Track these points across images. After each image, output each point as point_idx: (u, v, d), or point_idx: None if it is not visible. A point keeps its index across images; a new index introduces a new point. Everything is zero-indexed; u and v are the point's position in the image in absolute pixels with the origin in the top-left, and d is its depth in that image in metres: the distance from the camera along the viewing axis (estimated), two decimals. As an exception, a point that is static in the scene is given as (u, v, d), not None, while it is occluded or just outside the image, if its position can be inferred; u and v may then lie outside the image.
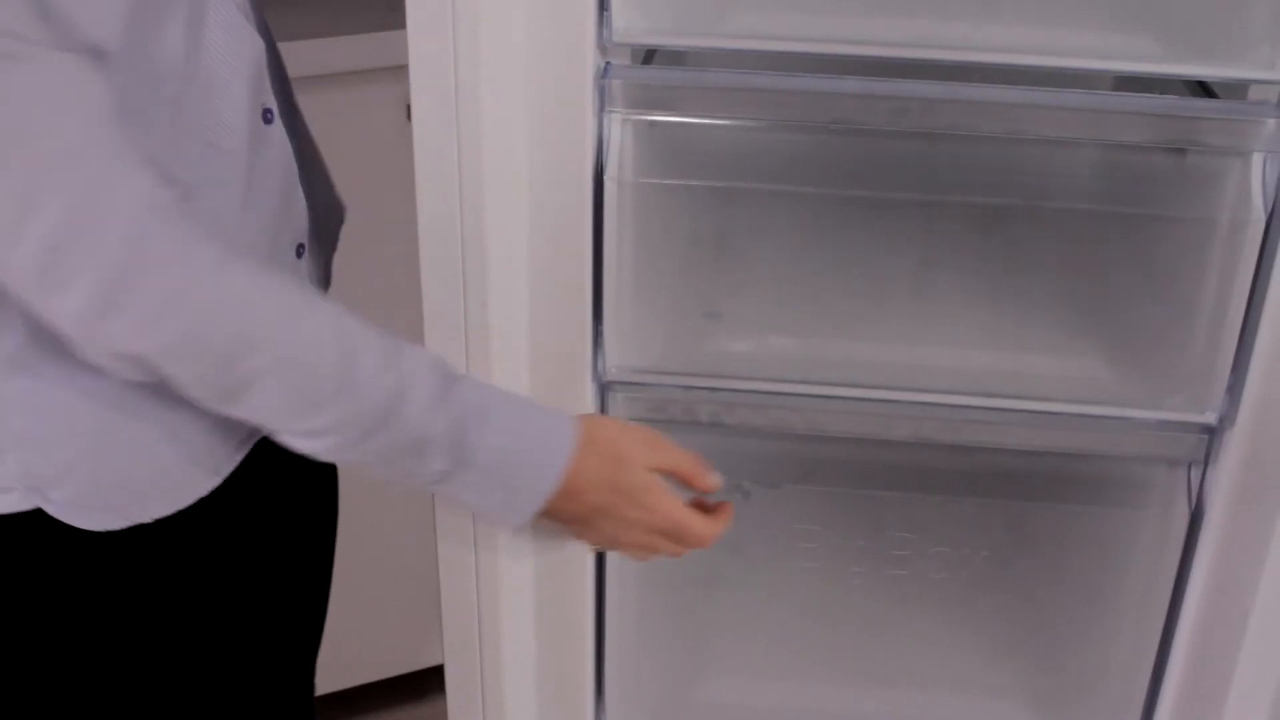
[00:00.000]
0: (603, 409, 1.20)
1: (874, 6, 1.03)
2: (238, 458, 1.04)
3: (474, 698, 1.23)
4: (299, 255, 1.08)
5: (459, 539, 1.16)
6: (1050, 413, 1.12)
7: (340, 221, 1.19)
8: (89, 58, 0.84)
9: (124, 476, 0.97)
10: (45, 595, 1.00)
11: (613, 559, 1.20)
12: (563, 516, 1.00)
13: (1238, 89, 1.11)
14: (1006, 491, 1.20)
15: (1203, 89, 1.15)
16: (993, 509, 1.22)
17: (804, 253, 1.19)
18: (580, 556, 1.17)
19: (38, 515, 0.97)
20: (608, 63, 1.04)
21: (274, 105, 1.03)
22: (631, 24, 1.02)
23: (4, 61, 0.80)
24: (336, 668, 1.95)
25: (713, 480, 1.04)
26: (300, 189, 1.07)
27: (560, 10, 0.98)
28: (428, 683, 2.03)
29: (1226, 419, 1.09)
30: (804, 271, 1.18)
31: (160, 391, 0.93)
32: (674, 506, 1.02)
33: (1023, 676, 1.30)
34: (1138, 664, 1.21)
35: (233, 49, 0.97)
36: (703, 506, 1.05)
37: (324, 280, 1.16)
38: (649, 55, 1.19)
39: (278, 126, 1.03)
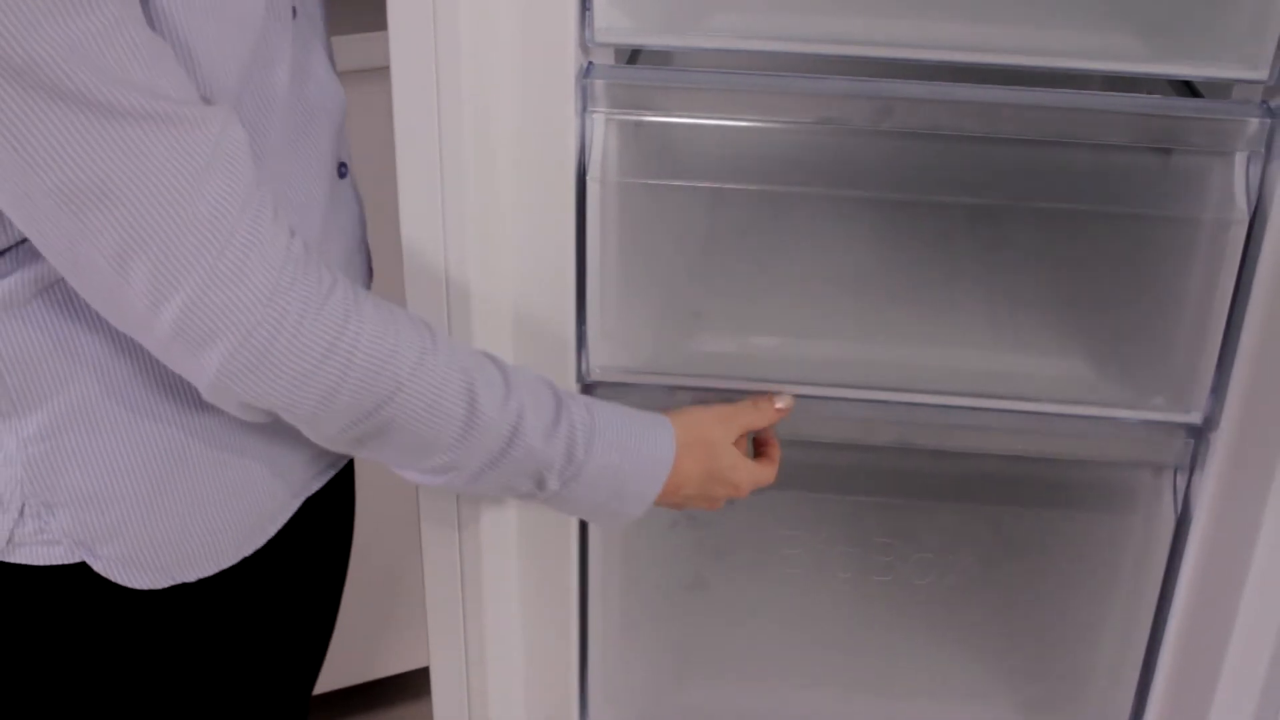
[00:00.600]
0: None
1: (857, 6, 1.03)
2: (285, 517, 1.02)
3: (460, 700, 1.22)
4: None
5: (444, 544, 1.15)
6: (1035, 413, 1.12)
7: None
8: (230, 110, 0.84)
9: (175, 536, 0.96)
10: (80, 649, 0.98)
11: (596, 567, 1.20)
12: (659, 504, 1.04)
13: (1222, 89, 1.11)
14: (991, 496, 1.20)
15: (1189, 89, 1.15)
16: (978, 514, 1.22)
17: (790, 253, 1.18)
18: (565, 559, 1.17)
19: (81, 569, 0.95)
20: (590, 62, 1.04)
21: (348, 160, 1.03)
22: (613, 24, 1.01)
23: (153, 123, 0.78)
24: (325, 670, 1.95)
25: (783, 404, 1.10)
26: (366, 246, 1.07)
27: (542, 10, 0.98)
28: (414, 685, 2.02)
29: (1211, 420, 1.09)
30: (789, 272, 1.18)
31: (222, 444, 0.94)
32: (753, 475, 1.08)
33: (1009, 681, 1.30)
34: (1124, 668, 1.20)
35: (321, 103, 0.97)
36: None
37: None
38: (634, 55, 1.19)
39: (350, 181, 1.04)
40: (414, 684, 2.03)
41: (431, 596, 1.18)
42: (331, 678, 1.98)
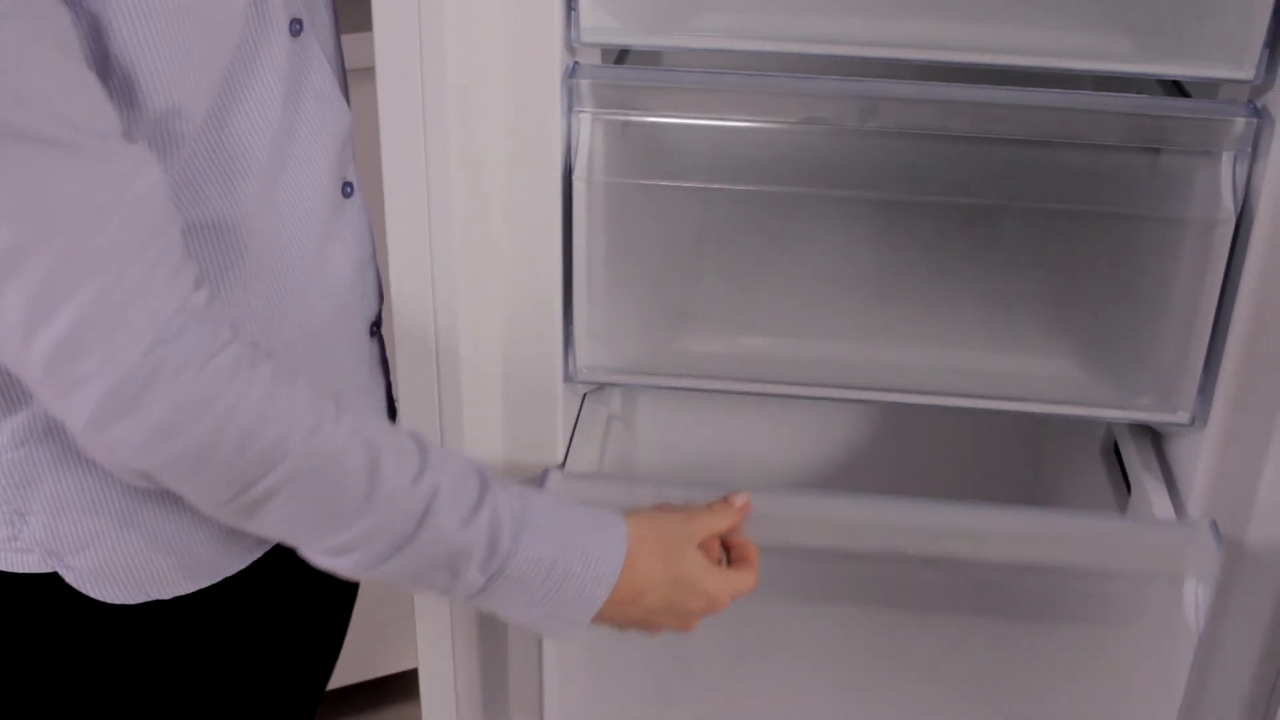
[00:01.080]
0: (580, 410, 1.21)
1: (844, 6, 1.03)
2: (272, 541, 0.99)
3: (448, 701, 1.23)
4: (373, 334, 1.05)
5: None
6: (1022, 413, 1.12)
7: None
8: (155, 145, 0.81)
9: (148, 552, 0.94)
10: (53, 660, 0.97)
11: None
12: (620, 620, 0.95)
13: (1209, 89, 1.10)
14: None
15: (1177, 89, 1.15)
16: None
17: (779, 253, 1.18)
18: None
19: (55, 579, 0.94)
20: (576, 62, 1.04)
21: (355, 179, 1.01)
22: (599, 24, 1.01)
23: (55, 150, 0.75)
24: None
25: (741, 500, 1.02)
26: (375, 266, 1.05)
27: (528, 10, 0.98)
28: (401, 686, 2.02)
29: (1198, 419, 1.09)
30: (778, 272, 1.18)
31: None
32: (730, 583, 0.98)
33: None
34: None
35: (321, 119, 0.95)
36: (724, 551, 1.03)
37: (383, 358, 1.12)
38: (622, 55, 1.19)
39: (357, 200, 1.01)
40: (400, 686, 2.02)
41: (420, 598, 1.18)
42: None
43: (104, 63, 0.80)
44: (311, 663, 1.12)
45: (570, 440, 1.16)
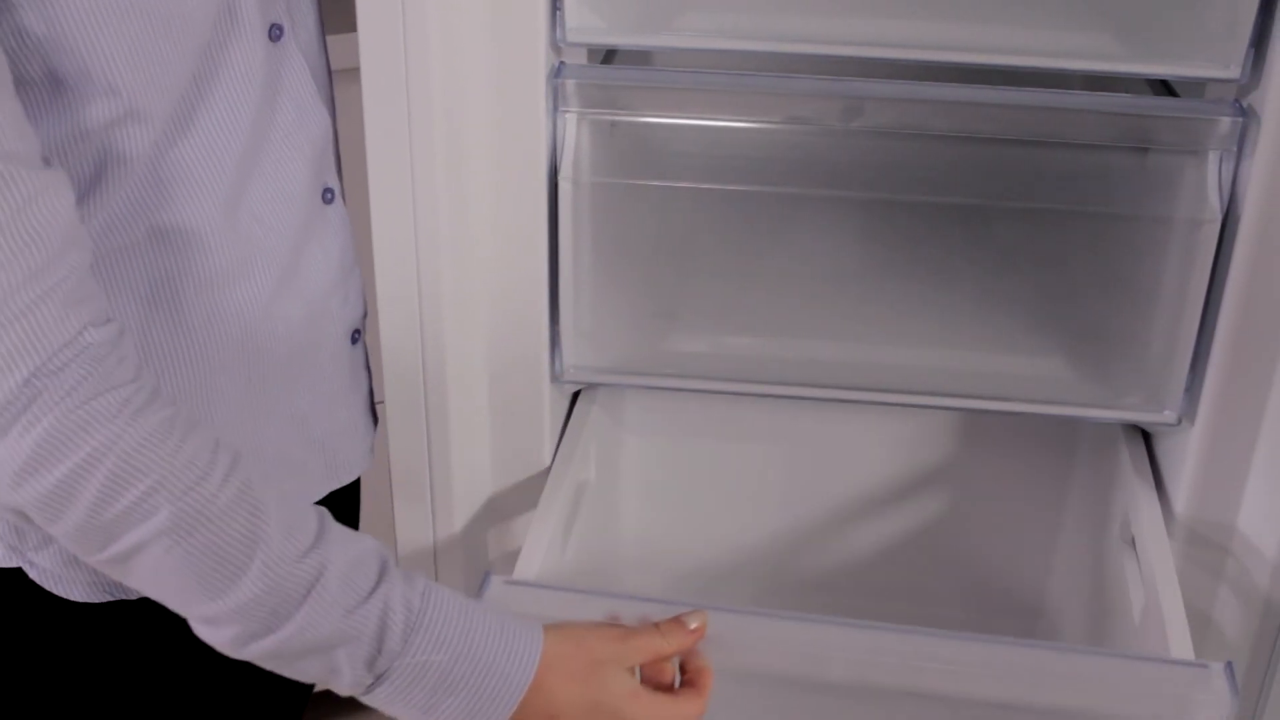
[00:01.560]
0: (570, 411, 1.20)
1: (830, 5, 1.03)
2: None
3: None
4: (354, 341, 1.05)
5: (418, 554, 1.16)
6: (1012, 413, 1.12)
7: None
8: (114, 150, 0.80)
9: None
10: (19, 656, 0.96)
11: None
12: None
13: (1197, 88, 1.10)
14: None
15: (1166, 89, 1.15)
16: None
17: (767, 253, 1.18)
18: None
19: (19, 574, 0.93)
20: (561, 62, 1.04)
21: (336, 185, 1.00)
22: (584, 24, 1.01)
23: None
24: None
25: (696, 624, 0.90)
26: (358, 274, 1.04)
27: (512, 10, 0.98)
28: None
29: (1185, 419, 1.08)
30: (766, 272, 1.18)
31: None
32: (664, 710, 0.88)
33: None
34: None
35: (299, 125, 0.95)
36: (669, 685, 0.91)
37: (366, 365, 1.11)
38: (609, 54, 1.19)
39: (337, 207, 1.00)
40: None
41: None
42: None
43: (52, 68, 0.79)
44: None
45: (559, 442, 1.16)
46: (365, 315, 1.07)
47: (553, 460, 1.14)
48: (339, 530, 0.83)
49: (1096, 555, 1.22)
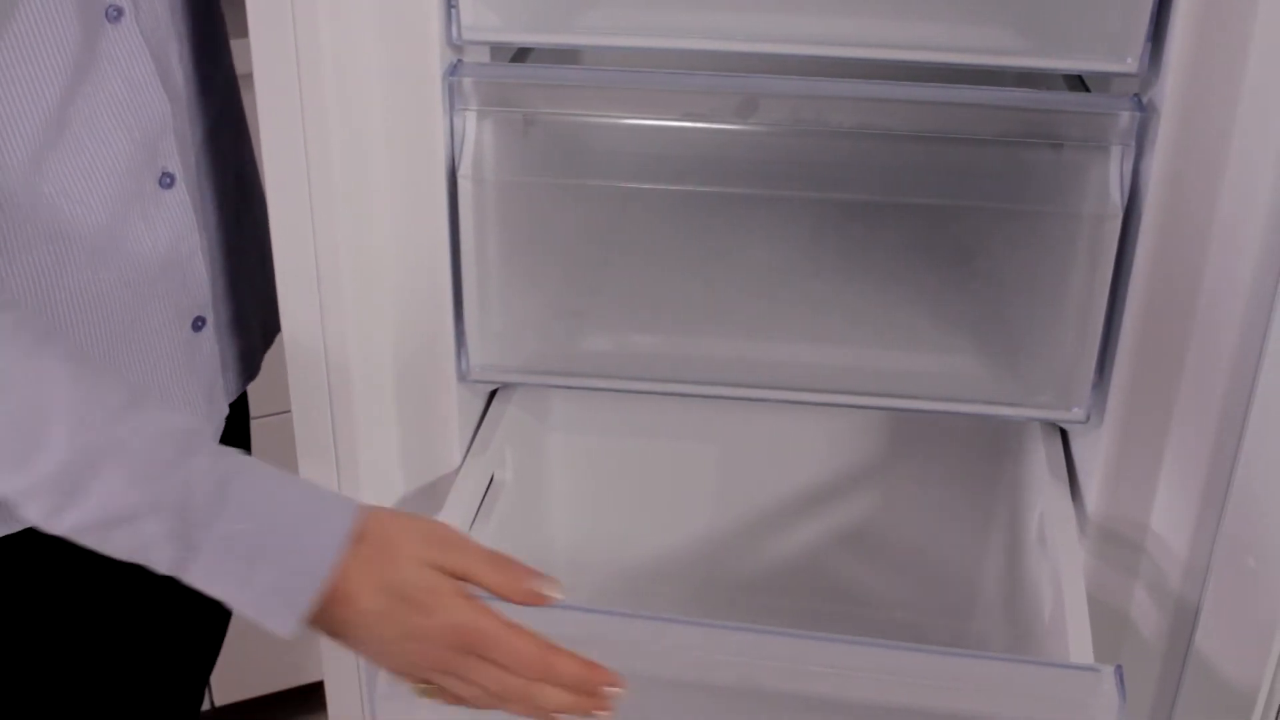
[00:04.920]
0: (484, 411, 1.20)
1: (730, 1, 1.02)
2: None
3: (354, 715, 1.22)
4: (197, 329, 1.05)
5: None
6: (922, 410, 1.11)
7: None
8: None
9: None
10: None
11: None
12: (343, 633, 0.83)
13: (1107, 83, 1.10)
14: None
15: (1083, 85, 1.14)
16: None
17: (681, 251, 1.17)
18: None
19: None
20: (458, 60, 1.03)
21: (176, 170, 1.00)
22: (481, 22, 1.01)
23: None
24: (228, 681, 1.96)
25: (519, 575, 0.85)
26: (200, 260, 1.03)
27: (403, 10, 0.97)
28: (309, 699, 2.01)
29: (1094, 416, 1.08)
30: (681, 270, 1.17)
31: None
32: (466, 612, 0.82)
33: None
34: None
35: (129, 105, 0.95)
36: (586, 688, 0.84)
37: (245, 370, 1.11)
38: (524, 52, 1.19)
39: (179, 192, 1.00)
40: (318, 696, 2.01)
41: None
42: (261, 682, 2.00)
43: None
44: (183, 632, 1.12)
45: (470, 443, 1.16)
46: (225, 304, 1.08)
47: (462, 463, 1.13)
48: (150, 404, 0.82)
49: (1017, 555, 1.22)
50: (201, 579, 0.82)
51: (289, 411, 1.09)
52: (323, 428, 1.09)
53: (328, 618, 0.82)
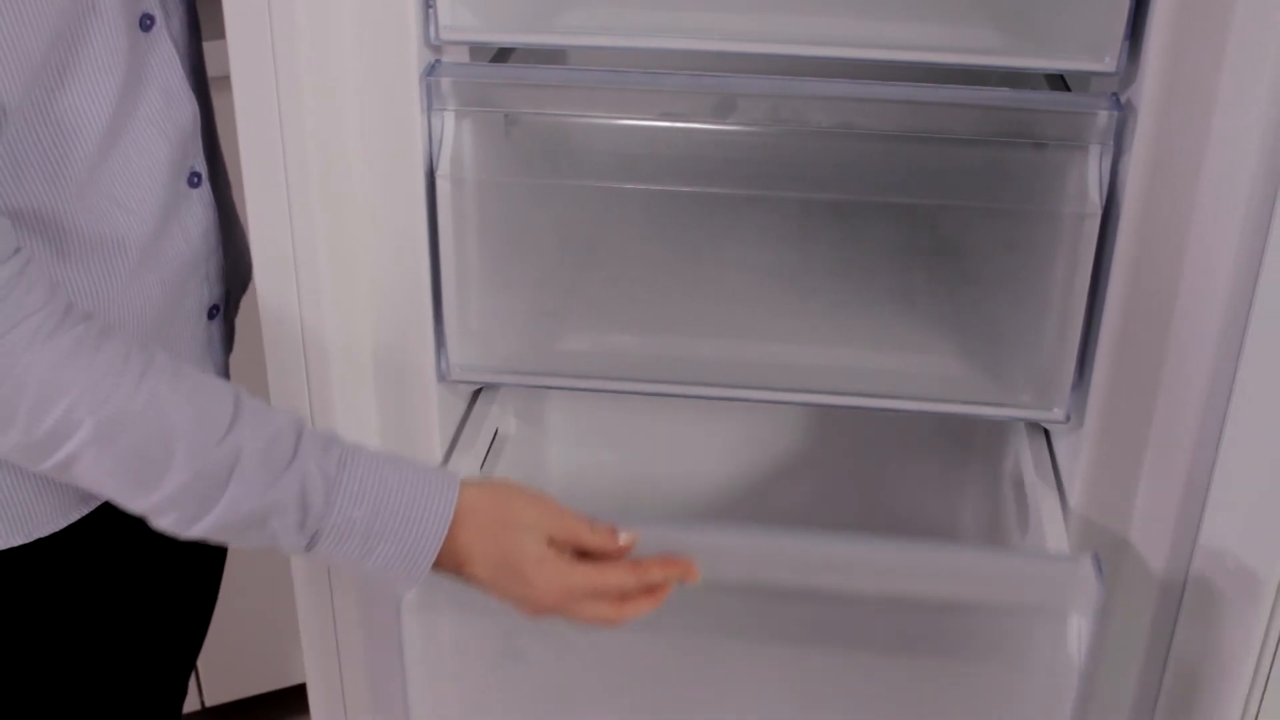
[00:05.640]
0: (468, 411, 1.20)
1: (708, 2, 1.02)
2: (92, 505, 1.01)
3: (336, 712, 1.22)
4: (211, 317, 1.06)
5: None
6: (903, 410, 1.11)
7: (245, 285, 1.14)
8: None
9: None
10: None
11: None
12: (462, 581, 0.94)
13: (1087, 83, 1.09)
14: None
15: (1065, 85, 1.14)
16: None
17: (661, 251, 1.17)
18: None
19: None
20: (436, 60, 1.03)
21: (203, 169, 1.02)
22: (459, 22, 1.01)
23: None
24: (219, 681, 1.95)
25: (626, 540, 0.95)
26: (220, 252, 1.06)
27: (381, 10, 0.97)
28: (291, 701, 2.00)
29: (1074, 416, 1.07)
30: (661, 270, 1.17)
31: None
32: (571, 577, 0.93)
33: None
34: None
35: (165, 112, 0.96)
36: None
37: (228, 339, 1.13)
38: (505, 52, 1.18)
39: (204, 190, 1.02)
40: (295, 699, 2.01)
41: (303, 609, 1.18)
42: (252, 683, 1.99)
43: None
44: (168, 629, 1.12)
45: (453, 443, 1.16)
46: (230, 292, 1.08)
47: (445, 463, 1.13)
48: (253, 410, 0.89)
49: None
50: (324, 557, 0.91)
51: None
52: (303, 428, 1.09)
53: (447, 574, 0.93)
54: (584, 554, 0.95)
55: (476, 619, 1.05)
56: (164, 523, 0.89)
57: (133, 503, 0.88)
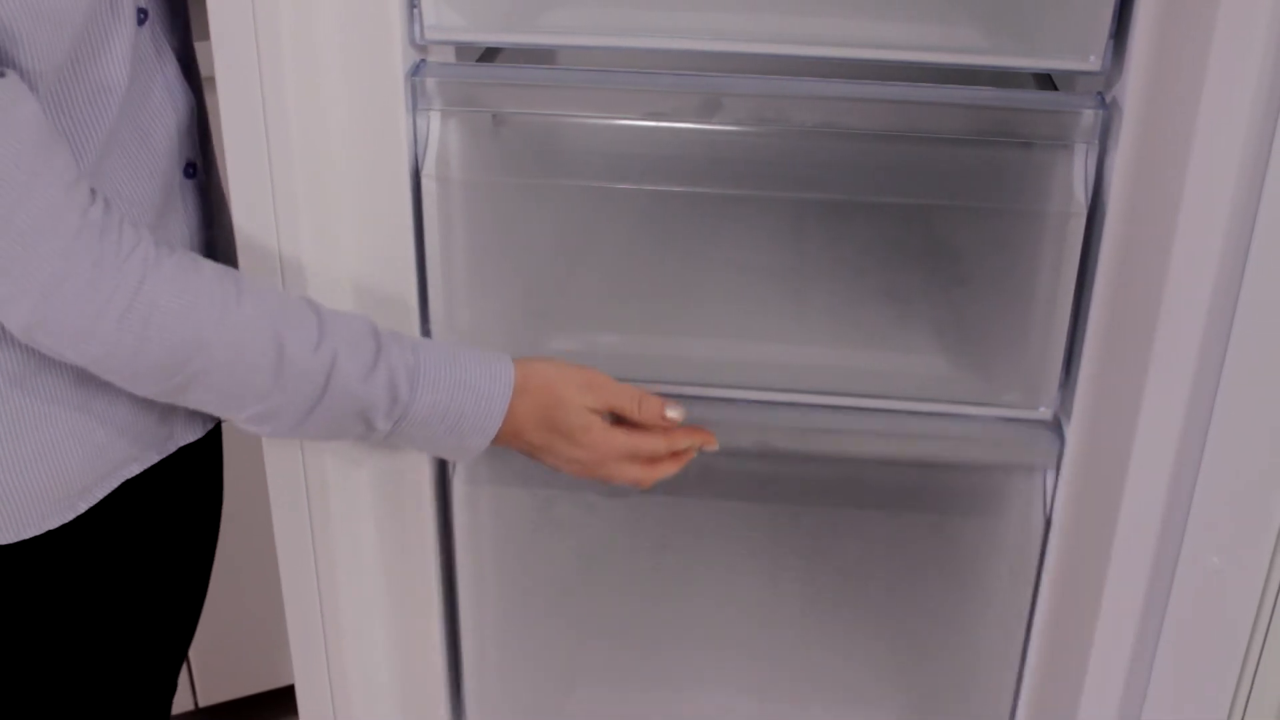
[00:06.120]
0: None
1: (695, 1, 1.02)
2: (99, 494, 1.02)
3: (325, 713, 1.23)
4: None
5: (300, 560, 1.15)
6: (891, 410, 1.11)
7: None
8: (18, 84, 0.84)
9: None
10: None
11: (465, 572, 1.19)
12: (515, 449, 1.04)
13: (1073, 82, 1.09)
14: (859, 501, 1.18)
15: (1052, 84, 1.14)
16: (844, 517, 1.20)
17: (649, 250, 1.17)
18: (427, 572, 1.16)
19: None
20: (421, 60, 1.03)
21: (199, 160, 1.04)
22: (444, 22, 1.01)
23: None
24: (212, 682, 1.95)
25: (655, 408, 1.05)
26: (220, 245, 1.08)
27: (365, 11, 0.97)
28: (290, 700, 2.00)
29: (1062, 415, 1.07)
30: (649, 270, 1.17)
31: (18, 409, 0.95)
32: (615, 444, 1.04)
33: (892, 684, 1.29)
34: (1004, 668, 1.19)
35: (165, 105, 0.99)
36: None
37: None
38: (493, 52, 1.18)
39: (200, 181, 1.04)
40: (284, 701, 2.01)
41: (291, 612, 1.18)
42: (245, 683, 1.99)
43: None
44: (155, 626, 1.13)
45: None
46: None
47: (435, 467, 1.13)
48: (331, 316, 0.97)
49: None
50: (406, 440, 1.01)
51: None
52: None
53: (505, 445, 1.03)
54: (620, 422, 1.05)
55: (516, 490, 1.19)
56: (266, 429, 0.97)
57: (238, 413, 0.96)
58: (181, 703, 1.94)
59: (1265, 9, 0.89)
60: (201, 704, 1.99)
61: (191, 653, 1.55)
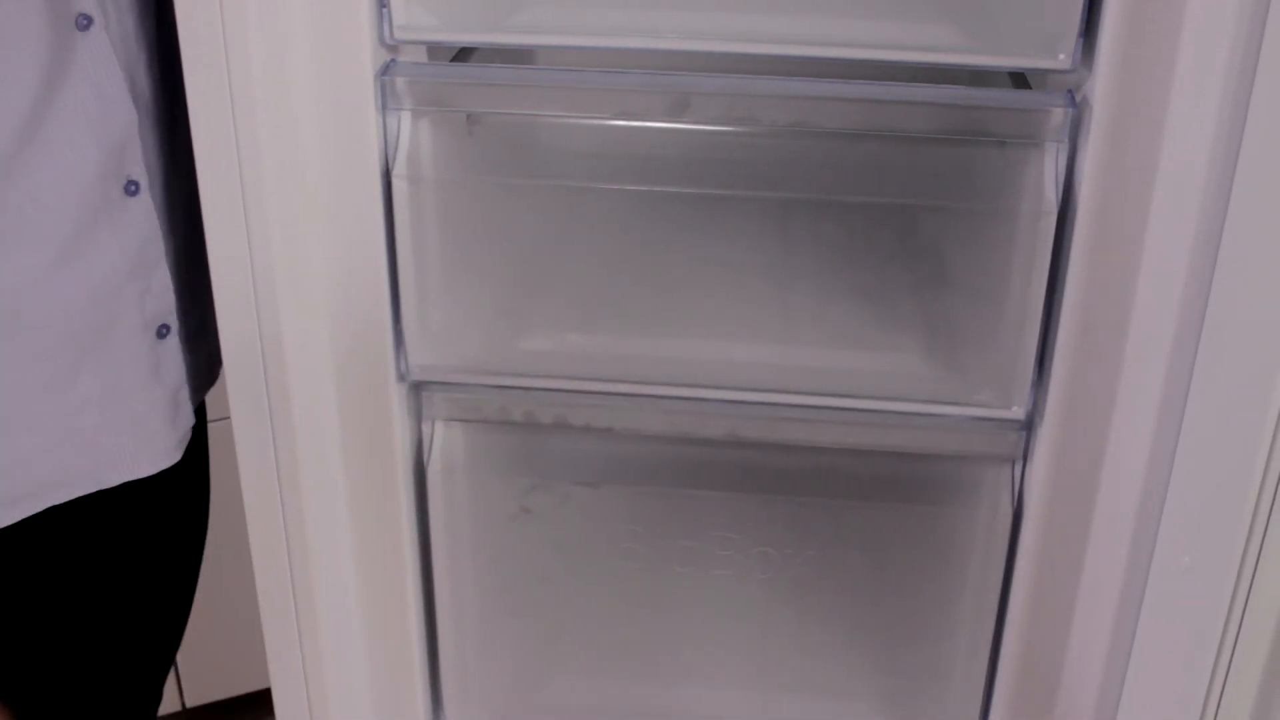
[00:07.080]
0: (419, 410, 1.19)
1: (666, 0, 1.02)
2: (17, 515, 1.01)
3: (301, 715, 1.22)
4: (161, 336, 1.06)
5: (273, 557, 1.15)
6: (864, 409, 1.11)
7: None
8: None
9: None
10: None
11: (441, 564, 1.19)
12: None
13: (1044, 80, 1.09)
14: (829, 491, 1.19)
15: (1025, 83, 1.14)
16: (816, 507, 1.21)
17: (623, 250, 1.17)
18: (402, 566, 1.16)
19: None
20: (391, 60, 1.03)
21: (142, 179, 1.01)
22: (414, 21, 1.01)
23: None
24: (199, 682, 1.95)
25: None
26: (165, 267, 1.05)
27: (333, 10, 0.97)
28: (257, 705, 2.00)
29: (1036, 414, 1.07)
30: (624, 269, 1.17)
31: None
32: None
33: (865, 676, 1.29)
34: (976, 659, 1.19)
35: (99, 114, 0.96)
36: None
37: (199, 366, 1.13)
38: (467, 51, 1.18)
39: (143, 200, 1.02)
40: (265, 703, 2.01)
41: (266, 613, 1.18)
42: (231, 684, 2.00)
43: None
44: (142, 626, 1.13)
45: (416, 443, 1.15)
46: (180, 312, 1.07)
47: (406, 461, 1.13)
48: None
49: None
50: None
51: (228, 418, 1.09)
52: (262, 430, 1.08)
53: None
54: None
55: (492, 480, 1.19)
56: None
57: None
58: (168, 703, 1.95)
59: (1233, 6, 0.89)
60: (188, 704, 1.99)
61: (178, 653, 1.55)
